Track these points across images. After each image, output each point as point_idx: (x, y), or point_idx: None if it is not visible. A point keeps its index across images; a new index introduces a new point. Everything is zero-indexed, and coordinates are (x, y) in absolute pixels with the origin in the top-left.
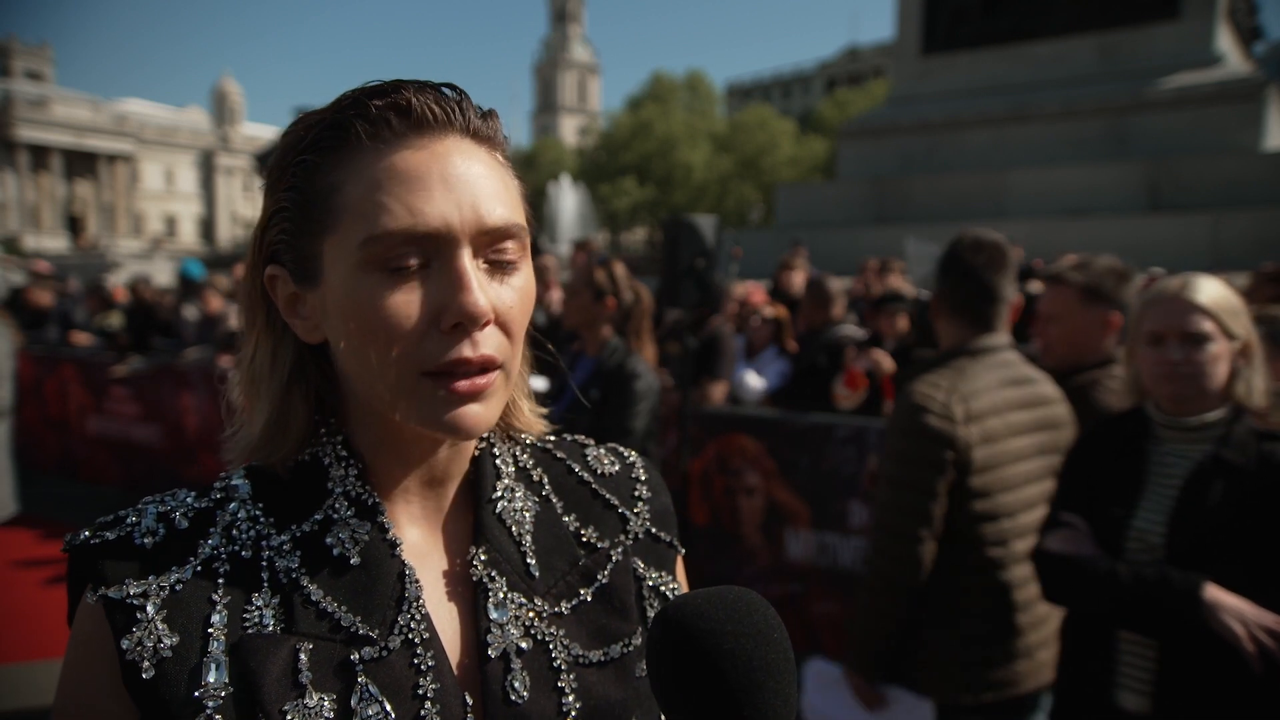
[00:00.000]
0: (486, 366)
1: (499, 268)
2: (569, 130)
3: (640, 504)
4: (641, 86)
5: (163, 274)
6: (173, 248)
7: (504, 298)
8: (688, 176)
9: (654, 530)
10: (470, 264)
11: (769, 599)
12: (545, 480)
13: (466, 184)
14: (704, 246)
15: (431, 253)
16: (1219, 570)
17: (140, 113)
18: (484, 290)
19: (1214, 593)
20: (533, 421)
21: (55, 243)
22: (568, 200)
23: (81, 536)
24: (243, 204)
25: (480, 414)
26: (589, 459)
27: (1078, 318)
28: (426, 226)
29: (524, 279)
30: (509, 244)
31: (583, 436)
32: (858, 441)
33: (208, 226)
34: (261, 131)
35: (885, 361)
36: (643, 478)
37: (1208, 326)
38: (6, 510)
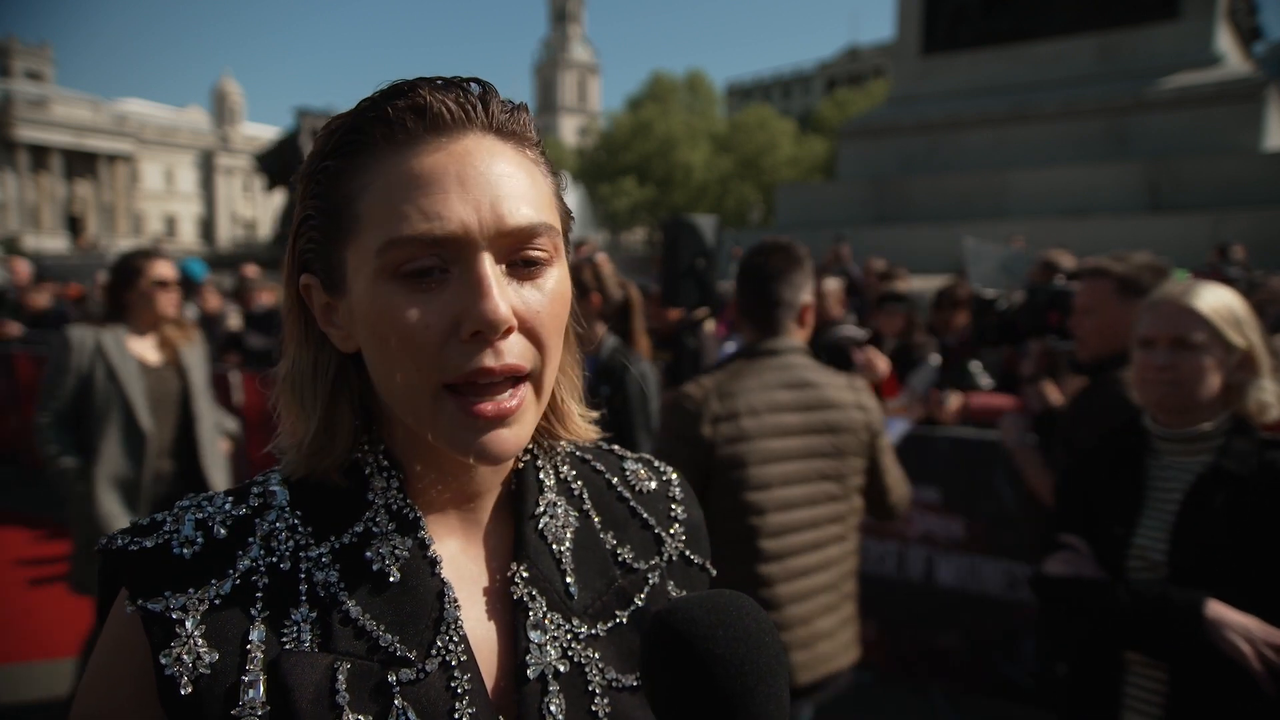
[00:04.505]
0: (512, 377)
1: (526, 271)
2: (569, 130)
3: (676, 525)
4: (641, 86)
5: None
6: (172, 248)
7: (530, 302)
8: (688, 176)
9: (688, 554)
10: (491, 269)
11: None
12: (585, 495)
13: (486, 184)
14: (704, 246)
15: (450, 258)
16: (1224, 586)
17: (140, 113)
18: (506, 296)
19: (1217, 609)
20: (583, 429)
21: (55, 243)
22: (567, 200)
23: (118, 540)
24: (243, 204)
25: (509, 438)
26: (627, 474)
27: (1112, 311)
28: (443, 231)
29: (555, 280)
30: (536, 245)
31: (619, 446)
32: None
33: (207, 227)
34: (261, 131)
35: (881, 362)
36: (679, 496)
37: (1199, 335)
38: None
